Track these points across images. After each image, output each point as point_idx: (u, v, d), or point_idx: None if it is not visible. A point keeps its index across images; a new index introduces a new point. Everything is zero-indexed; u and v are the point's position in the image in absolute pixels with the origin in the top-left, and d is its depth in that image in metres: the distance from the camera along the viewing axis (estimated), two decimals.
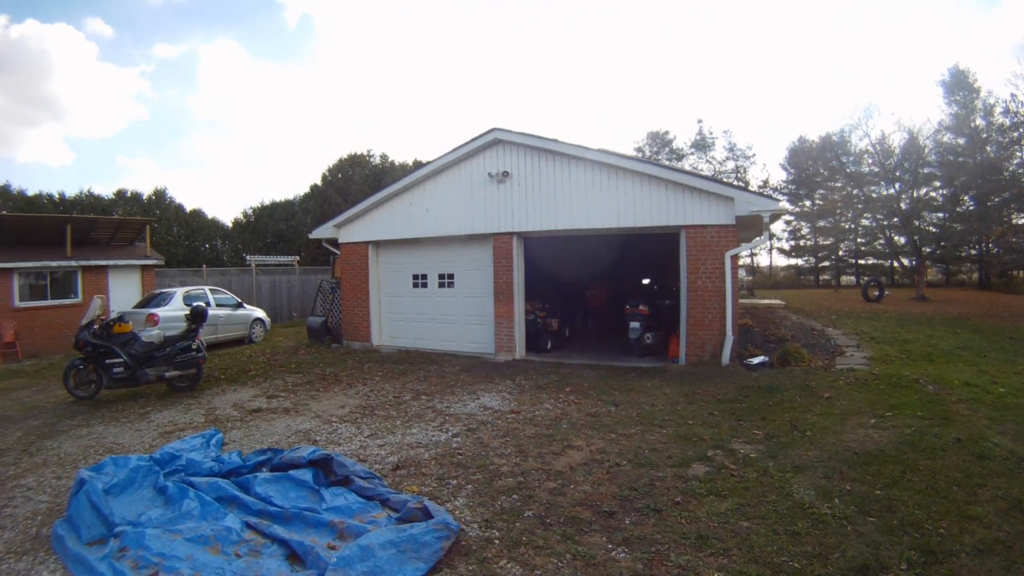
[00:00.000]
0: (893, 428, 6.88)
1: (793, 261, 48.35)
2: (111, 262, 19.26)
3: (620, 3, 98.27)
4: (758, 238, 12.88)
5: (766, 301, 23.10)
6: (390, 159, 44.01)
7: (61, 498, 5.70)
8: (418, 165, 32.74)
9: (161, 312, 15.44)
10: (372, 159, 43.58)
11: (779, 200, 15.95)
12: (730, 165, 46.90)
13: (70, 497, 5.29)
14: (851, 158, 37.82)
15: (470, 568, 4.17)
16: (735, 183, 35.12)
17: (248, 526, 4.83)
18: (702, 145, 47.40)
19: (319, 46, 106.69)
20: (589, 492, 5.39)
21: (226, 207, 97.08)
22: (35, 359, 16.09)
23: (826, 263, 45.51)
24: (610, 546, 4.40)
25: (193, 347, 10.63)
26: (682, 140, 49.20)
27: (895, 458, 5.87)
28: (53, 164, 72.68)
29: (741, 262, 27.22)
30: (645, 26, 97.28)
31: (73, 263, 18.32)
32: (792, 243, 47.25)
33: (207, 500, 5.19)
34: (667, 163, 40.56)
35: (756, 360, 10.87)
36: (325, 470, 5.74)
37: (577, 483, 5.62)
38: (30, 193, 35.22)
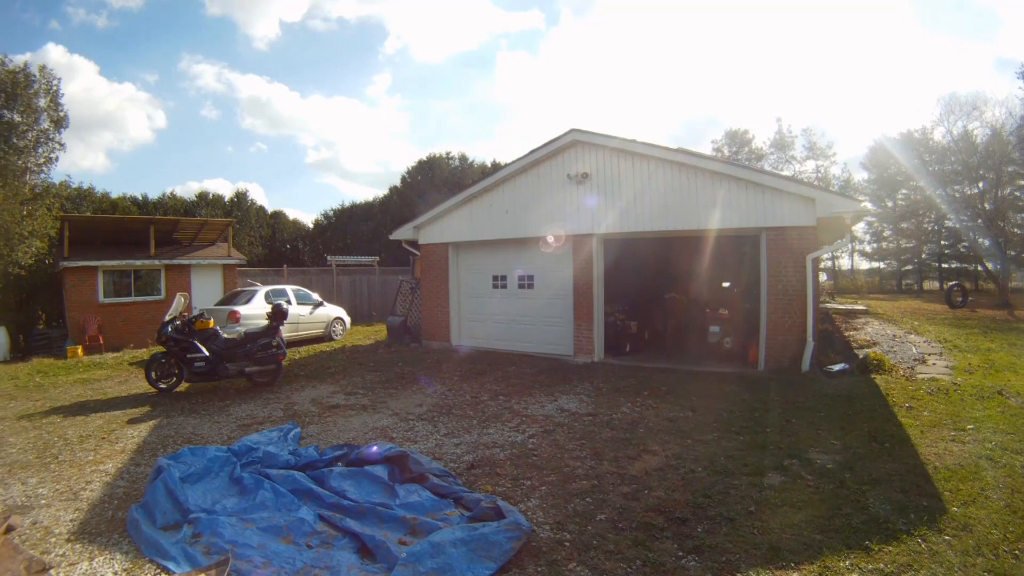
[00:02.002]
0: (973, 442, 6.58)
1: (875, 264, 46.39)
2: (193, 261, 20.28)
3: (698, 3, 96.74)
4: (840, 240, 12.49)
5: (847, 306, 22.39)
6: (469, 160, 44.41)
7: (138, 484, 5.96)
8: (496, 166, 32.94)
9: (243, 310, 15.97)
10: (451, 161, 44.02)
11: (861, 200, 15.43)
12: (810, 165, 45.38)
13: (147, 483, 5.56)
14: (933, 156, 36.13)
15: (539, 569, 4.17)
16: (816, 183, 34.08)
17: (321, 518, 4.96)
18: (781, 144, 45.95)
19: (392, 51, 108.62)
20: (663, 498, 5.32)
21: (307, 209, 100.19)
22: (117, 352, 17.02)
23: (908, 267, 43.42)
24: (680, 554, 4.34)
25: (273, 344, 10.99)
26: (761, 139, 47.97)
27: (974, 474, 5.62)
28: (97, 170, 76.92)
29: (822, 265, 26.39)
30: (724, 25, 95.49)
31: (156, 262, 19.37)
32: (874, 245, 45.33)
33: (282, 491, 5.35)
34: (746, 163, 39.61)
35: (836, 367, 10.48)
36: (400, 467, 5.85)
37: (651, 488, 5.57)
38: (114, 196, 36.85)
